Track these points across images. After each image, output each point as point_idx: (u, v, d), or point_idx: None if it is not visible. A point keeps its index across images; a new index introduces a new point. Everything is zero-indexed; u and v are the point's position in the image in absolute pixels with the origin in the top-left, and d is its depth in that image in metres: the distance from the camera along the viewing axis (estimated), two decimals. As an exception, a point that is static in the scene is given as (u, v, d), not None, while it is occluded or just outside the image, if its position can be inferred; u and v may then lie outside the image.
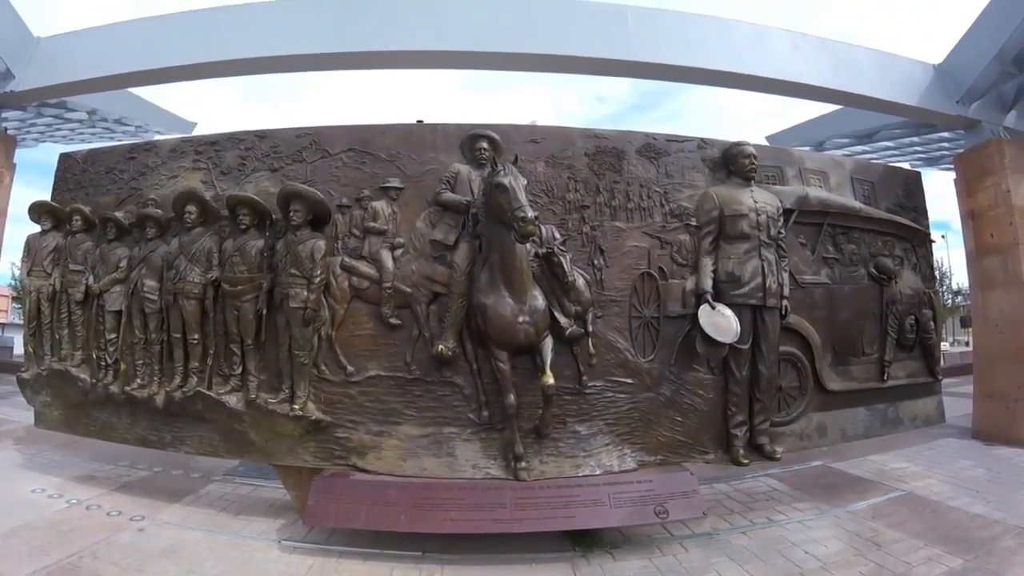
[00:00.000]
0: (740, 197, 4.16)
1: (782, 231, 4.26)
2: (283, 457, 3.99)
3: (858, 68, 6.59)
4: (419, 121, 4.26)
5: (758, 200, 4.18)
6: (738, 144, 4.32)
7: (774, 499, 4.59)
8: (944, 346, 17.17)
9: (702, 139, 4.40)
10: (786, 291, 4.19)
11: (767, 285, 4.08)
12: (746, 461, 4.05)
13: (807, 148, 9.63)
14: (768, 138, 10.67)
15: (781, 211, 4.27)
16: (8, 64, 6.28)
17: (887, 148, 9.86)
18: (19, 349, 17.40)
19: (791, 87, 5.95)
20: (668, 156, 4.27)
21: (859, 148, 9.80)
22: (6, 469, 5.43)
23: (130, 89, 8.09)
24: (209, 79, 6.14)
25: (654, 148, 4.25)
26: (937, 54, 7.11)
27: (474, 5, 5.39)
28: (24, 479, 5.05)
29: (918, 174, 5.55)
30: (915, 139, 9.18)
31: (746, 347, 4.05)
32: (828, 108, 8.60)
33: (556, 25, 5.37)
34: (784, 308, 4.17)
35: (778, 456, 4.12)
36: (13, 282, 21.31)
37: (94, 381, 4.52)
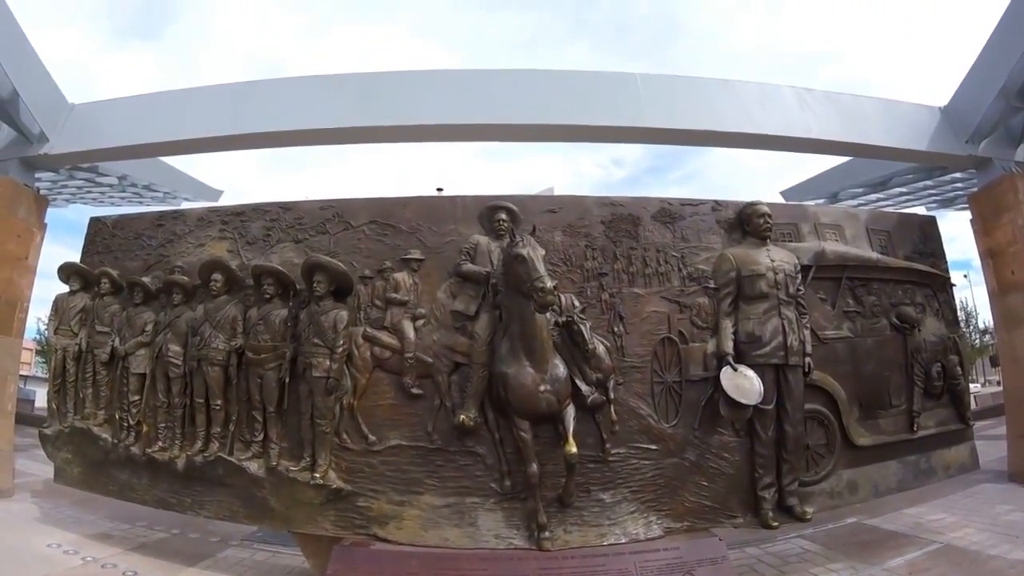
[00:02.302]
0: (757, 257, 4.16)
1: (801, 288, 4.22)
2: (303, 525, 3.95)
3: (865, 118, 6.66)
4: (439, 189, 4.37)
5: (775, 259, 4.17)
6: (752, 204, 4.35)
7: (807, 560, 4.43)
8: (975, 388, 16.64)
9: (716, 201, 4.44)
10: (808, 348, 4.13)
11: (788, 343, 4.02)
12: (776, 524, 3.93)
13: (822, 201, 9.67)
14: (783, 193, 10.74)
15: (799, 268, 4.26)
16: (43, 127, 6.57)
17: (901, 194, 9.88)
18: (40, 402, 17.77)
19: (800, 143, 6.03)
20: (683, 220, 4.32)
21: (873, 196, 9.83)
22: (23, 522, 5.45)
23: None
24: (235, 151, 6.36)
25: (669, 213, 4.31)
26: (944, 96, 7.17)
27: (489, 80, 5.60)
28: (41, 533, 5.07)
29: (933, 219, 5.53)
30: (928, 182, 9.18)
31: (770, 407, 3.98)
32: (841, 159, 8.67)
33: (568, 96, 5.53)
34: (807, 365, 4.09)
35: (809, 517, 3.99)
36: (38, 336, 21.84)
37: (116, 441, 4.55)
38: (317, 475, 3.87)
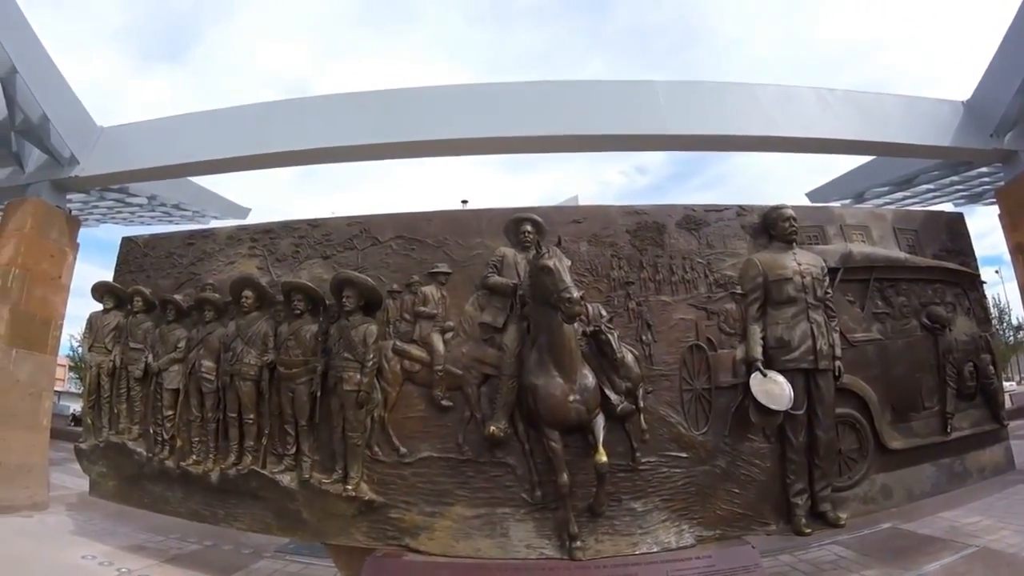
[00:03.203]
0: (783, 261, 4.13)
1: (829, 291, 4.17)
2: (335, 536, 3.99)
3: (887, 116, 6.57)
4: (463, 202, 4.42)
5: (802, 262, 4.13)
6: (776, 208, 4.32)
7: (841, 567, 4.37)
8: (1009, 386, 16.14)
9: (740, 206, 4.41)
10: (838, 352, 4.07)
11: (818, 347, 3.98)
12: (809, 530, 3.87)
13: (848, 201, 9.54)
14: (808, 195, 10.62)
15: (826, 271, 4.21)
16: (73, 150, 6.78)
17: (928, 191, 9.69)
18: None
19: (823, 144, 5.97)
20: (708, 226, 4.30)
21: (899, 195, 9.66)
22: (58, 535, 5.62)
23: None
24: (262, 169, 6.50)
25: (694, 219, 4.29)
26: (966, 90, 7.05)
27: (510, 92, 5.64)
28: (75, 545, 5.23)
29: (960, 216, 5.42)
30: (955, 178, 8.99)
31: (801, 413, 3.93)
32: (865, 159, 8.55)
33: (590, 105, 5.54)
34: (837, 369, 4.04)
35: (842, 523, 3.93)
36: (71, 352, 22.41)
37: (150, 455, 4.63)
38: (349, 487, 3.90)
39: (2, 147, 7.13)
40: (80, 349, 17.81)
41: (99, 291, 5.15)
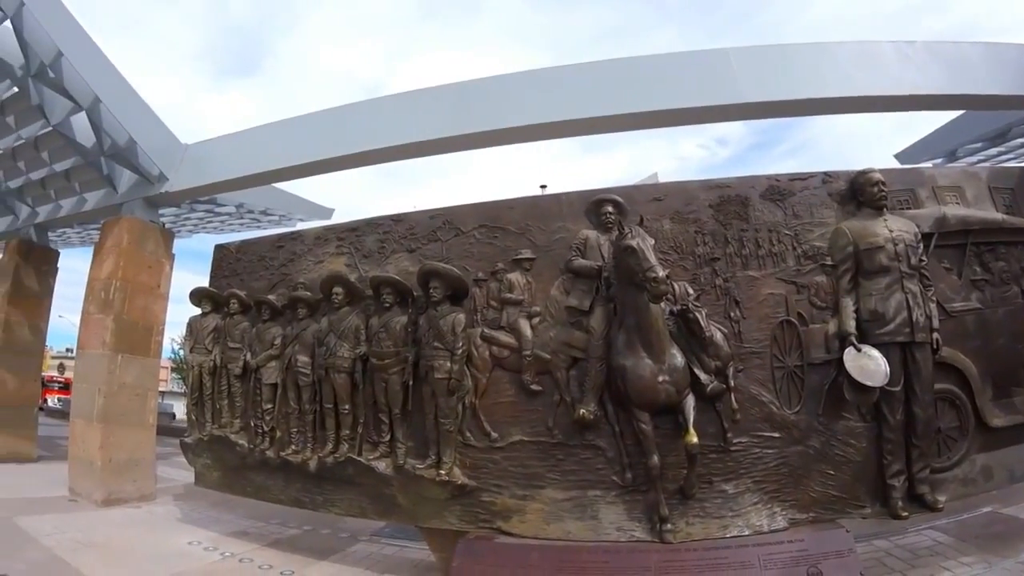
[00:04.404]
0: (874, 228, 3.90)
1: (923, 258, 3.91)
2: (429, 520, 4.13)
3: (972, 66, 6.06)
4: (542, 187, 4.45)
5: (893, 229, 3.90)
6: (864, 172, 4.07)
7: (938, 554, 4.14)
8: None
9: (826, 173, 4.19)
10: (935, 323, 3.83)
11: (914, 319, 3.75)
12: (906, 514, 3.68)
13: (939, 160, 8.91)
14: (897, 156, 9.93)
15: (919, 237, 3.94)
16: (161, 168, 7.30)
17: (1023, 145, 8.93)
18: (177, 414, 19.66)
19: (906, 101, 5.56)
20: (793, 196, 4.10)
21: (993, 151, 8.90)
22: (165, 522, 6.04)
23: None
24: (342, 171, 6.77)
25: (778, 190, 4.11)
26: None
27: (580, 74, 5.58)
28: (181, 532, 5.59)
29: (1063, 169, 4.98)
30: (1051, 128, 8.23)
31: (898, 389, 3.73)
32: (953, 114, 7.99)
33: (661, 80, 5.40)
34: (935, 342, 3.81)
35: (940, 506, 3.71)
36: (173, 355, 24.03)
37: (251, 447, 4.94)
38: (442, 472, 4.02)
39: (94, 171, 7.78)
40: (181, 351, 19.22)
41: (197, 296, 5.52)
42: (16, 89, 7.19)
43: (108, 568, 4.37)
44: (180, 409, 20.74)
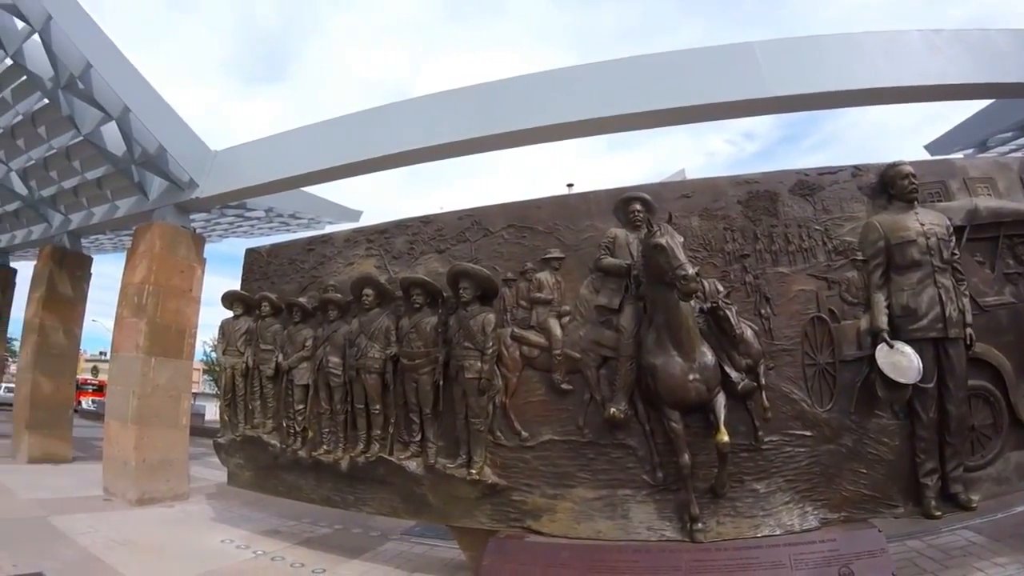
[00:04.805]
0: (905, 222, 3.84)
1: (956, 252, 3.84)
2: (460, 519, 4.17)
3: (1001, 54, 5.89)
4: (569, 185, 4.47)
5: (925, 222, 3.83)
6: (894, 165, 4.00)
7: (971, 554, 4.07)
8: None
9: (855, 166, 4.12)
10: (968, 318, 3.75)
11: (947, 314, 3.69)
12: (939, 513, 3.61)
13: (970, 151, 8.71)
14: (927, 147, 9.73)
15: (951, 230, 3.86)
16: (191, 175, 7.47)
17: (1058, 134, 8.66)
18: (209, 415, 20.00)
19: (935, 91, 5.44)
20: (823, 190, 4.04)
21: None
22: (198, 521, 6.14)
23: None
24: (369, 174, 6.89)
25: (807, 184, 4.05)
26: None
27: (603, 72, 5.59)
28: (214, 531, 5.69)
29: (1097, 160, 4.83)
30: (1086, 116, 7.96)
31: (931, 386, 3.66)
32: (983, 103, 7.78)
33: (686, 75, 5.37)
34: (969, 337, 3.73)
35: (974, 505, 3.64)
36: (204, 357, 24.49)
37: (283, 447, 5.03)
38: (473, 471, 4.06)
39: (126, 179, 8.01)
40: (213, 354, 19.68)
41: (228, 299, 5.65)
42: (46, 101, 7.41)
43: (143, 565, 4.45)
44: (211, 410, 21.23)
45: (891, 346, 3.66)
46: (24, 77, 7.13)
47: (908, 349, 3.65)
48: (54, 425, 9.45)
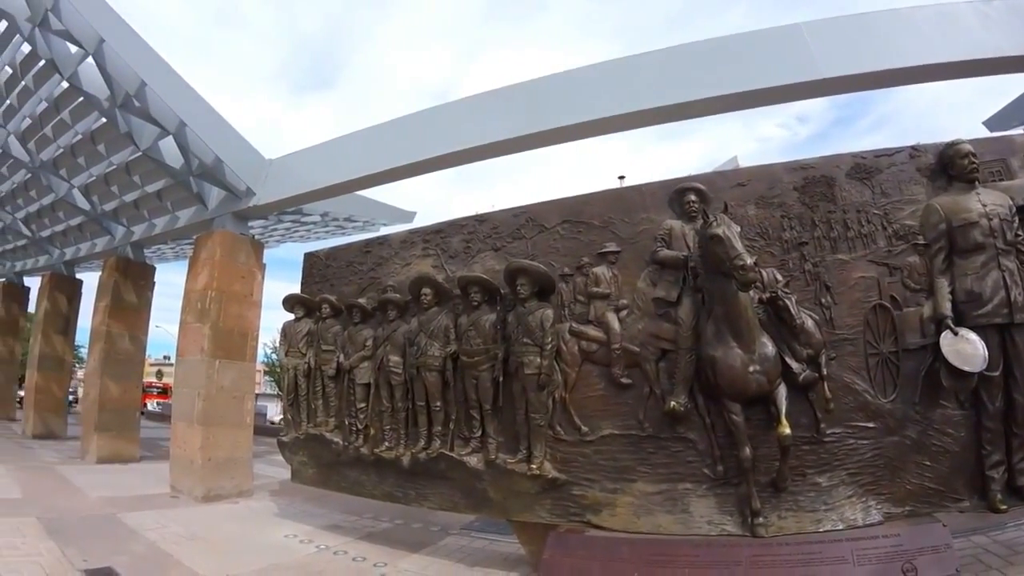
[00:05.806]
0: (966, 203, 3.69)
1: (1020, 233, 3.66)
2: (520, 513, 4.23)
3: (1056, 22, 5.60)
4: (620, 178, 4.49)
5: (987, 203, 3.67)
6: (952, 144, 3.84)
7: None
8: None
9: (912, 147, 3.98)
10: None
11: (1012, 299, 3.53)
12: (1005, 507, 3.46)
13: None
14: (985, 123, 9.29)
15: (1014, 210, 3.69)
16: (248, 184, 7.80)
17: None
18: (270, 414, 20.47)
19: (990, 65, 5.12)
20: (880, 173, 3.92)
21: None
22: (262, 517, 6.33)
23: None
24: (420, 175, 7.07)
25: (864, 168, 3.94)
26: None
27: (650, 62, 5.57)
28: (278, 526, 5.86)
29: None
30: None
31: (997, 374, 3.51)
32: None
33: (734, 61, 5.28)
34: None
35: None
36: (266, 359, 25.33)
37: (346, 444, 5.19)
38: (533, 466, 4.11)
39: (185, 190, 8.42)
40: (275, 355, 20.22)
41: (290, 302, 5.87)
42: (104, 120, 7.84)
43: (209, 559, 4.56)
44: (272, 410, 22.00)
45: (955, 333, 3.54)
46: (81, 99, 7.54)
47: (973, 336, 3.52)
48: (122, 427, 9.91)
